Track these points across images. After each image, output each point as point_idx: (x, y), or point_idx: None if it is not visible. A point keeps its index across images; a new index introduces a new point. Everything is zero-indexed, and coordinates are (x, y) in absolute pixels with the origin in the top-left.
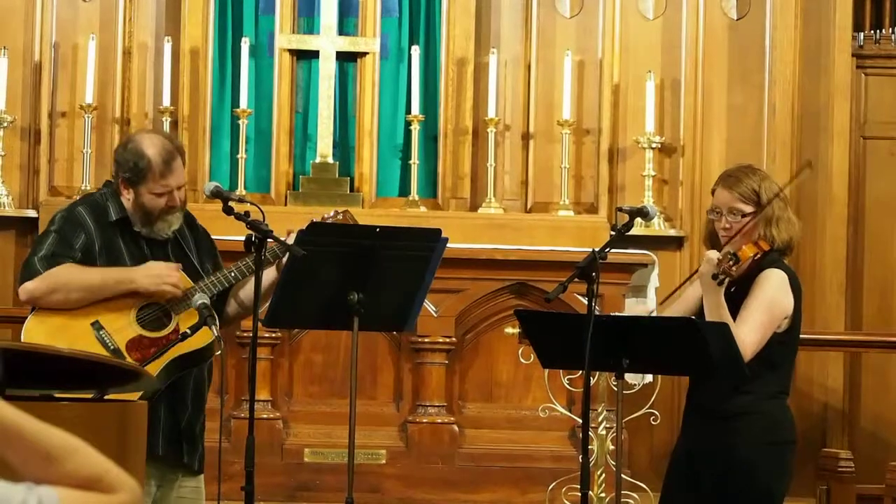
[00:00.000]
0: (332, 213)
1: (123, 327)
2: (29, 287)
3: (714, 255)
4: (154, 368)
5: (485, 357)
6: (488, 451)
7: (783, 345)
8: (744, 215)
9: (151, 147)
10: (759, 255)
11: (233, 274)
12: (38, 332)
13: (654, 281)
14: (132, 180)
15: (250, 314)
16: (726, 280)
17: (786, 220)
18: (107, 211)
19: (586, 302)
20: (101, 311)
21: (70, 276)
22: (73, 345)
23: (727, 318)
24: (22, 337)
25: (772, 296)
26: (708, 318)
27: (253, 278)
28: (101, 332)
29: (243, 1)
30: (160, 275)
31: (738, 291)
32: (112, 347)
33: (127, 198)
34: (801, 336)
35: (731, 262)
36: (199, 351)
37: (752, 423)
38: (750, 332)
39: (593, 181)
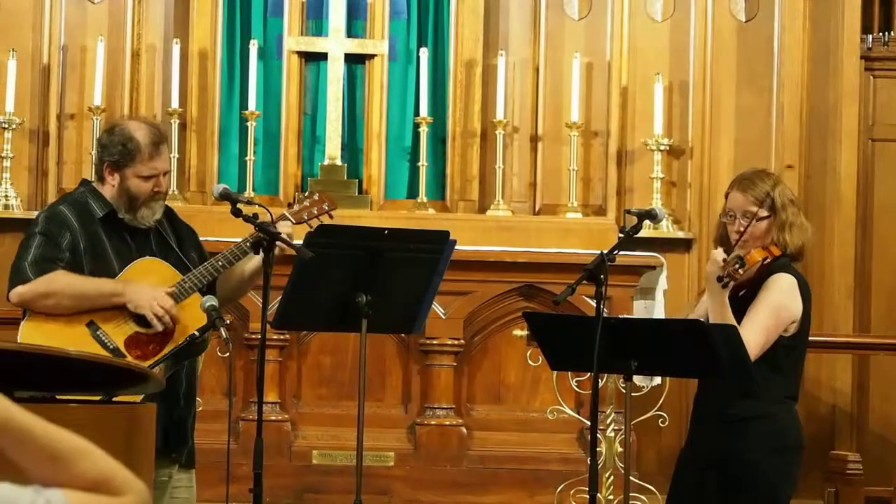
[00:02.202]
0: (306, 193)
1: (119, 325)
2: (20, 290)
3: (720, 256)
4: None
5: (493, 359)
6: (496, 454)
7: (791, 349)
8: (758, 219)
9: (139, 130)
10: (768, 260)
11: (220, 263)
12: (34, 336)
13: (662, 283)
14: (119, 163)
15: (237, 299)
16: (730, 283)
17: (798, 226)
18: (89, 208)
19: (594, 304)
20: (94, 311)
21: (64, 283)
22: (73, 347)
23: (730, 319)
24: (18, 341)
25: (779, 299)
26: (712, 318)
27: (236, 267)
28: (98, 332)
29: (251, 3)
30: (150, 299)
31: (747, 295)
32: (111, 346)
33: (111, 184)
34: (810, 339)
35: (736, 266)
36: (200, 343)
37: (759, 428)
38: (754, 334)
39: (602, 183)
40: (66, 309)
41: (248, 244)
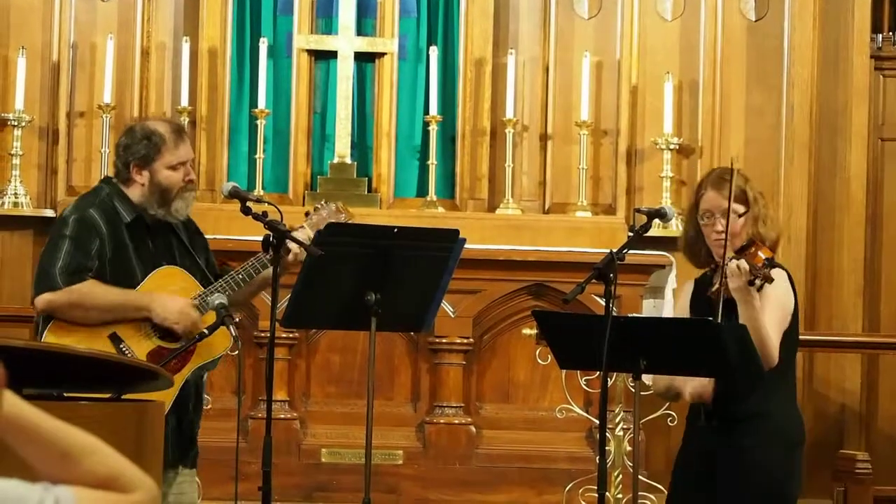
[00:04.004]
0: (323, 203)
1: (141, 339)
2: (49, 298)
3: (743, 264)
4: (180, 379)
5: (502, 358)
6: (505, 452)
7: (788, 342)
8: (739, 215)
9: (159, 124)
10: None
11: (240, 276)
12: None
13: (671, 282)
14: (147, 158)
15: (246, 303)
16: (764, 283)
17: (772, 218)
18: (117, 212)
19: (604, 303)
20: (117, 323)
21: (92, 295)
22: None
23: (764, 322)
24: None
25: (781, 295)
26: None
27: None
28: (121, 346)
29: (261, 1)
30: (178, 313)
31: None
32: None
33: (141, 183)
34: (819, 338)
35: (767, 268)
36: (217, 358)
37: (763, 426)
38: (775, 336)
39: (611, 182)
40: (93, 320)
41: (268, 258)
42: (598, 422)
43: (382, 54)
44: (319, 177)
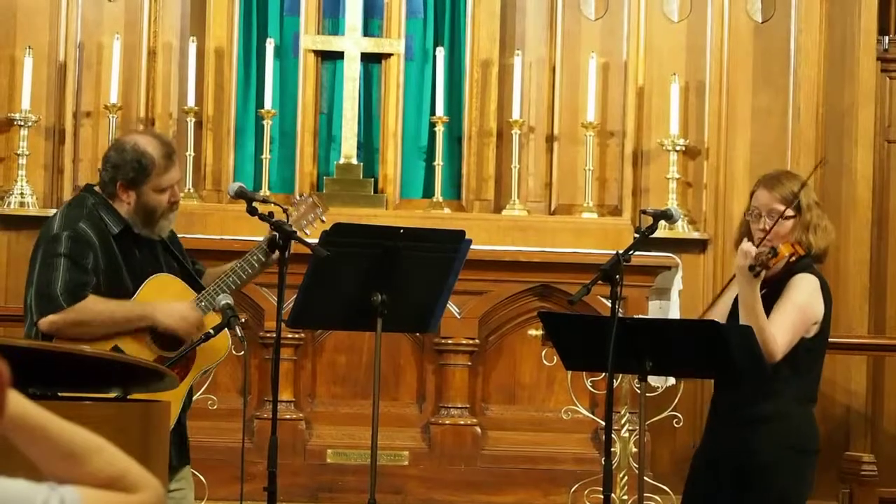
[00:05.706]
0: (300, 198)
1: (142, 350)
2: (53, 319)
3: (750, 247)
4: (185, 385)
5: (508, 359)
6: (511, 453)
7: (811, 351)
8: (784, 218)
9: (150, 145)
10: (794, 257)
11: (231, 279)
12: None
13: (677, 283)
14: (135, 180)
15: None
16: (763, 272)
17: (823, 228)
18: (105, 223)
19: (610, 304)
20: (118, 337)
21: (95, 312)
22: None
23: (761, 311)
24: None
25: (805, 299)
26: (741, 310)
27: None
28: None
29: (268, 1)
30: (182, 317)
31: (769, 294)
32: None
33: (126, 202)
34: None
35: (769, 255)
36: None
37: (775, 429)
38: (781, 332)
39: (617, 183)
40: (96, 336)
41: (255, 258)
42: (603, 423)
43: (389, 55)
44: (326, 177)
